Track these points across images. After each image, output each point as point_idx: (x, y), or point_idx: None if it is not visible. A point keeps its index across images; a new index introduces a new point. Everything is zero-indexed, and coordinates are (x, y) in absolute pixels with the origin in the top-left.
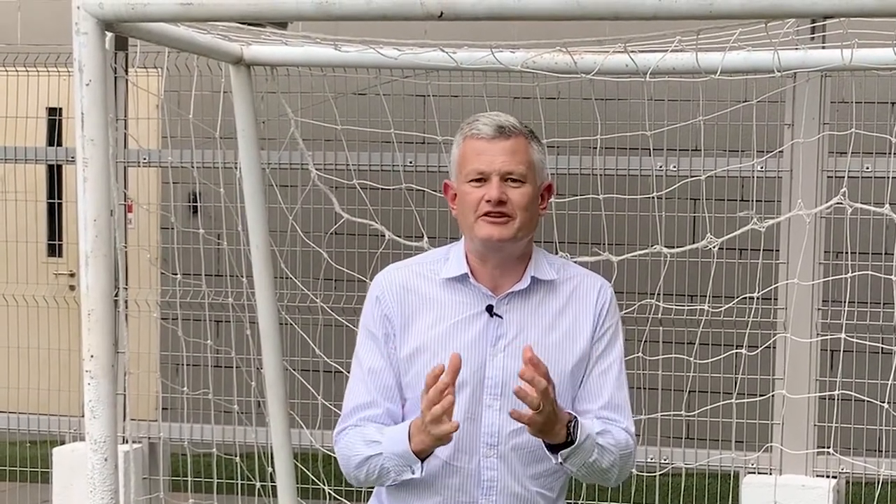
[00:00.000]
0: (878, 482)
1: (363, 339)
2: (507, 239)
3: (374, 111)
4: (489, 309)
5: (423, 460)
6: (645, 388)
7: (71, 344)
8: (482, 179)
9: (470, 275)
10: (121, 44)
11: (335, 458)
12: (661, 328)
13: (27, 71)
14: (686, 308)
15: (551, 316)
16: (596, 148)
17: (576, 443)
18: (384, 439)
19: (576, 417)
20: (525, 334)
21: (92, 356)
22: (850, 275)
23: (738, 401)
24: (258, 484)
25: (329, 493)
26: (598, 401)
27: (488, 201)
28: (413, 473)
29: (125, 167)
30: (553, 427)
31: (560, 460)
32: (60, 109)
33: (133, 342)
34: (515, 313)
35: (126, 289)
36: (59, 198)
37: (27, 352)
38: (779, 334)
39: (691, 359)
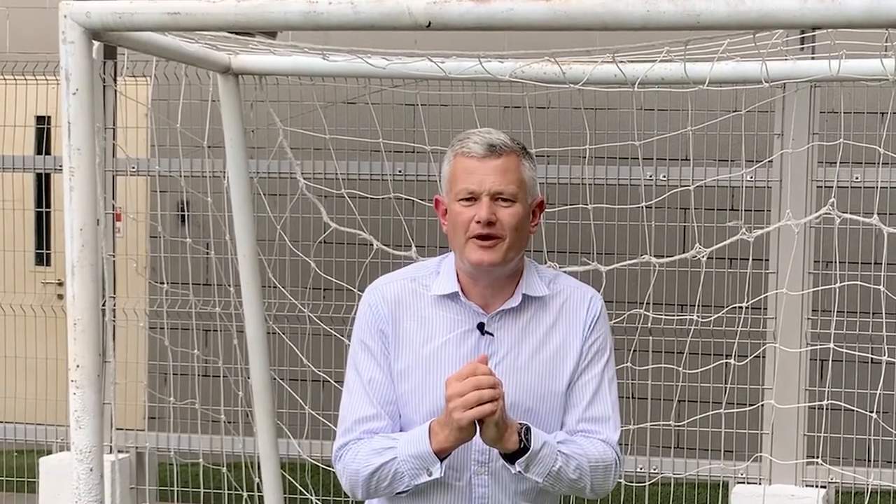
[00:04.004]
0: (867, 491)
1: (359, 351)
2: (497, 263)
3: (363, 120)
4: (480, 327)
5: (442, 461)
6: (634, 398)
7: (59, 353)
8: (472, 199)
9: (461, 293)
10: (109, 52)
11: (322, 468)
12: (650, 338)
13: (15, 79)
14: (675, 318)
15: (542, 332)
16: (585, 157)
17: (530, 450)
18: (398, 444)
19: (528, 425)
20: (516, 352)
21: (78, 366)
22: (838, 284)
23: (727, 410)
24: (245, 494)
25: None
26: (576, 413)
27: (478, 222)
28: (430, 476)
29: (113, 176)
30: (503, 434)
31: (519, 469)
32: (49, 118)
33: (120, 351)
34: (506, 331)
35: (114, 298)
36: (48, 207)
37: (14, 361)
38: (768, 344)
39: (680, 368)
